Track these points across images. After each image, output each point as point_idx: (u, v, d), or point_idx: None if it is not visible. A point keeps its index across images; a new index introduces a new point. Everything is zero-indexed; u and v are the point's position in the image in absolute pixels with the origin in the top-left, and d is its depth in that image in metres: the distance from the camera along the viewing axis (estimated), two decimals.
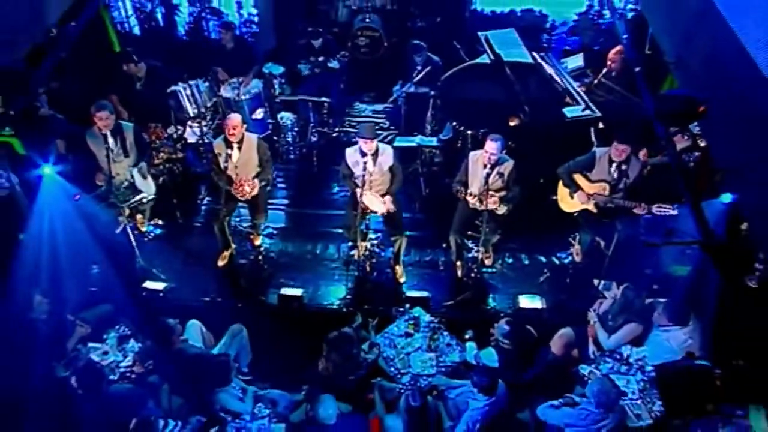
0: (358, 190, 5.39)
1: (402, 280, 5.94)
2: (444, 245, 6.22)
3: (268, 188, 6.03)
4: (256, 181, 5.58)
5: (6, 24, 3.76)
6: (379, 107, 7.94)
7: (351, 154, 5.46)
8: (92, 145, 5.38)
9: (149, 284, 5.62)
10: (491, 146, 5.17)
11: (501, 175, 5.34)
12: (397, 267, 5.96)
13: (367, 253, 5.97)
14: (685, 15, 4.13)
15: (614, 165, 5.32)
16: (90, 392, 4.19)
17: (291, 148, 7.27)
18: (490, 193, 5.30)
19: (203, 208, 6.71)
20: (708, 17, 3.69)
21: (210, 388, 4.57)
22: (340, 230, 6.10)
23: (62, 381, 4.41)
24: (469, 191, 5.46)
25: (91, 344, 4.87)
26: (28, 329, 4.33)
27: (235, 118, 5.36)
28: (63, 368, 4.59)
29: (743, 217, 4.58)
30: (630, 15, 7.62)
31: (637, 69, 4.11)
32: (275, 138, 7.22)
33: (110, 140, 5.33)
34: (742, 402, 4.31)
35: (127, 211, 5.59)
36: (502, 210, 5.45)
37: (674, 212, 5.06)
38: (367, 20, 8.13)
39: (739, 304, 4.78)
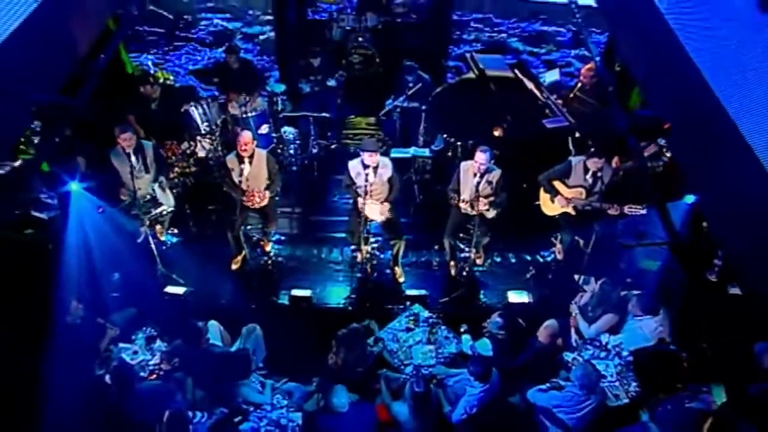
0: (360, 199, 5.53)
1: (401, 280, 6.05)
2: (436, 247, 6.36)
3: (276, 198, 6.15)
4: (266, 192, 5.72)
5: (44, 57, 3.92)
6: (374, 120, 8.09)
7: (354, 166, 5.55)
8: (116, 163, 5.52)
9: (170, 289, 5.72)
10: (481, 157, 5.32)
11: (490, 183, 5.46)
12: (396, 268, 6.07)
13: (368, 255, 6.09)
14: (649, 40, 4.37)
15: (589, 172, 5.48)
16: (125, 389, 4.33)
17: (293, 159, 7.41)
18: (480, 199, 5.45)
19: (214, 217, 6.79)
20: (668, 43, 3.94)
21: (232, 381, 4.73)
22: (344, 235, 6.21)
23: (99, 379, 4.57)
24: (461, 198, 5.61)
25: (121, 345, 5.01)
26: (68, 333, 4.50)
27: (247, 136, 5.47)
28: (98, 367, 4.75)
29: (704, 217, 4.85)
30: (601, 38, 7.90)
31: (610, 89, 4.34)
32: (279, 150, 7.34)
33: (133, 158, 5.48)
34: (706, 380, 4.47)
35: (148, 222, 5.72)
36: (491, 214, 5.59)
37: (643, 212, 5.23)
38: (360, 39, 8.33)
39: (701, 296, 5.03)
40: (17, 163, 4.13)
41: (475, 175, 5.47)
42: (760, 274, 2.88)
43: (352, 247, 6.19)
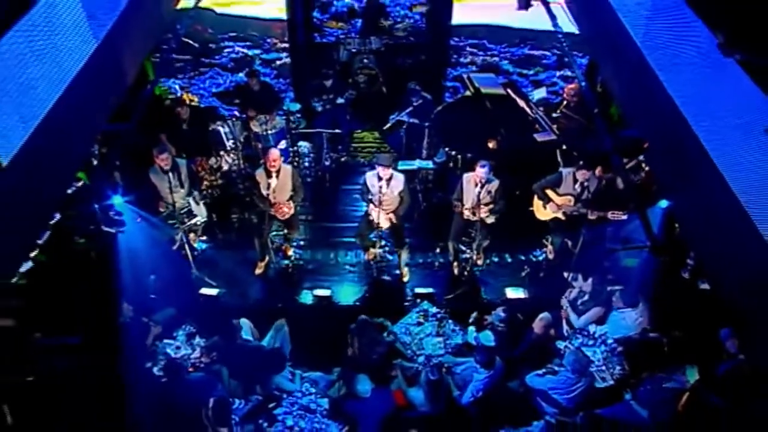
0: (372, 206, 5.81)
1: (405, 280, 6.30)
2: (437, 249, 6.62)
3: (299, 208, 6.36)
4: (291, 203, 5.94)
5: (100, 90, 4.20)
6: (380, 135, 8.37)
7: (370, 177, 5.80)
8: (155, 180, 5.74)
9: (205, 291, 5.97)
10: (481, 171, 5.60)
11: (489, 192, 5.71)
12: (403, 270, 6.33)
13: (378, 258, 6.41)
14: (626, 66, 4.68)
15: (578, 182, 5.77)
16: (176, 379, 4.65)
17: (308, 171, 7.62)
18: (481, 206, 5.72)
19: (237, 225, 7.03)
20: (643, 70, 4.27)
21: (267, 374, 5.02)
22: (354, 239, 6.46)
23: (149, 371, 4.88)
24: (464, 206, 5.84)
25: (165, 341, 5.27)
26: (123, 332, 4.79)
27: (275, 153, 5.66)
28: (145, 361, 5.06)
29: (677, 220, 5.15)
30: (583, 61, 8.24)
31: (596, 110, 4.59)
32: (295, 163, 7.51)
33: (169, 175, 5.69)
34: (680, 362, 4.75)
35: (183, 231, 5.97)
36: (491, 220, 5.86)
37: (624, 217, 5.51)
38: (365, 60, 8.60)
39: (676, 291, 5.35)
40: (80, 183, 4.41)
41: (476, 185, 5.72)
42: (724, 271, 3.20)
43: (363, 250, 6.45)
